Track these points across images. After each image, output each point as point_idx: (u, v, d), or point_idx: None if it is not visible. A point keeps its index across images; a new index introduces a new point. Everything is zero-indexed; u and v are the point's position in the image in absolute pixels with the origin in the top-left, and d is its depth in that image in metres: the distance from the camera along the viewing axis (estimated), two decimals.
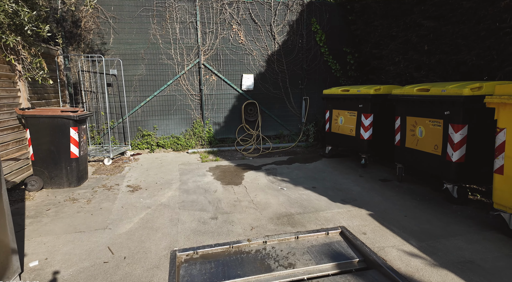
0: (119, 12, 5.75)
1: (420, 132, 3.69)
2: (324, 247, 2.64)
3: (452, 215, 3.06)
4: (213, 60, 6.41)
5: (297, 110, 7.05)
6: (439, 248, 2.45)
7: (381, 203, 3.43)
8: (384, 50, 5.37)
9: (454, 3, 3.83)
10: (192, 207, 3.42)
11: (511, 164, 2.44)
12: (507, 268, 2.15)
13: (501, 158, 2.51)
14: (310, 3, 6.58)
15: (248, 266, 2.38)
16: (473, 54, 3.60)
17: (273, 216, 3.16)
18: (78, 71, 5.67)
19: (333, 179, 4.40)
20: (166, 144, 6.28)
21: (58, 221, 3.04)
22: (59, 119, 3.84)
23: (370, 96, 4.51)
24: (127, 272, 2.21)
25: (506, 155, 2.47)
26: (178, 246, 2.59)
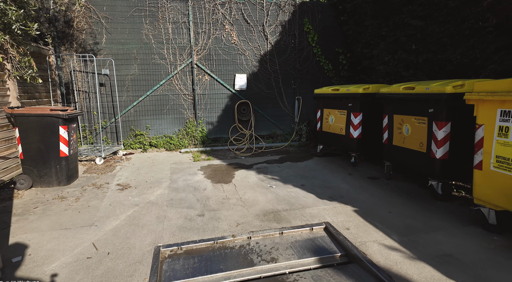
0: (111, 12, 5.78)
1: (406, 130, 3.73)
2: (308, 242, 2.67)
3: (436, 211, 3.10)
4: (206, 60, 6.44)
5: (290, 110, 7.09)
6: (419, 242, 2.48)
7: (367, 200, 3.46)
8: (374, 49, 5.42)
9: (440, 2, 3.88)
10: (180, 204, 3.44)
11: (489, 160, 2.48)
12: (483, 261, 2.19)
13: (480, 154, 2.55)
14: (302, 4, 6.63)
15: (231, 261, 2.41)
16: (458, 53, 3.65)
17: (259, 213, 3.19)
18: (70, 71, 5.69)
19: (322, 177, 4.43)
20: (159, 144, 6.29)
21: (44, 219, 3.06)
22: (49, 118, 3.86)
23: (359, 95, 4.55)
24: (109, 267, 2.23)
25: (484, 151, 2.51)
26: (162, 242, 2.61)
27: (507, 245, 2.40)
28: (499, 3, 3.12)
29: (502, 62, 3.15)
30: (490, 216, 2.57)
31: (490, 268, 2.10)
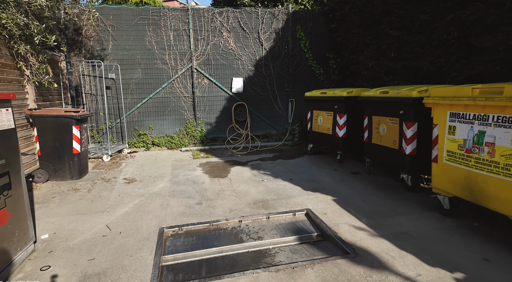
0: (117, 21, 6.25)
1: (383, 129, 4.18)
2: (290, 224, 3.12)
3: (404, 200, 3.54)
4: (205, 65, 6.90)
5: (284, 111, 7.54)
6: (383, 224, 2.93)
7: (346, 191, 3.91)
8: (360, 56, 5.88)
9: (413, 16, 4.34)
10: (181, 195, 3.89)
11: (442, 154, 2.93)
12: (432, 237, 2.63)
13: (436, 149, 3.00)
14: (295, 12, 7.10)
15: (224, 239, 2.86)
16: (427, 61, 4.10)
17: (250, 202, 3.63)
18: (79, 75, 6.15)
19: (309, 172, 4.88)
20: (161, 143, 6.75)
21: (63, 206, 3.51)
22: (63, 119, 4.32)
23: (343, 98, 5.01)
24: (122, 243, 2.68)
25: (439, 147, 2.96)
26: (166, 224, 3.06)
27: (456, 225, 2.85)
28: (460, 19, 3.58)
29: (462, 70, 3.60)
30: (444, 202, 3.02)
31: (436, 242, 2.55)
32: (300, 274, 2.17)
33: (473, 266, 2.20)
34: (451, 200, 2.97)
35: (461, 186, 2.76)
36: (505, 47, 3.01)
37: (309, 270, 2.23)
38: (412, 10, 4.35)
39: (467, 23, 3.51)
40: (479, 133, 2.53)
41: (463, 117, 2.67)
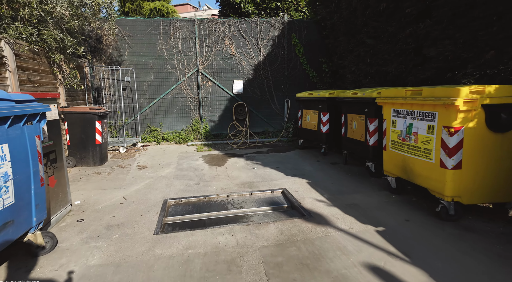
0: (132, 31, 7.19)
1: (354, 125, 4.89)
2: (268, 199, 3.89)
3: (366, 183, 4.25)
4: (209, 69, 7.75)
5: (280, 111, 8.30)
6: (340, 198, 3.66)
7: (320, 176, 4.64)
8: (345, 61, 6.59)
9: (384, 27, 5.03)
10: (183, 178, 4.72)
11: (388, 143, 3.63)
12: (375, 207, 3.34)
13: (385, 139, 3.71)
14: (290, 21, 7.86)
15: (214, 207, 3.65)
16: (393, 67, 4.79)
17: (239, 183, 4.42)
18: (100, 78, 7.11)
19: (295, 163, 5.63)
20: (170, 138, 7.64)
21: (88, 184, 4.40)
22: (88, 115, 5.23)
23: (325, 98, 5.73)
24: (135, 207, 3.52)
25: (387, 137, 3.66)
26: (169, 197, 3.89)
27: (398, 199, 3.55)
28: (416, 31, 4.26)
29: (416, 75, 4.28)
30: (392, 182, 3.72)
31: (375, 210, 3.26)
32: (264, 227, 2.95)
33: (394, 224, 2.92)
34: (397, 180, 3.67)
35: (400, 168, 3.46)
36: (443, 57, 3.68)
37: (272, 225, 2.99)
38: (383, 22, 5.04)
39: (421, 36, 4.19)
40: (409, 125, 3.23)
41: (400, 113, 3.38)
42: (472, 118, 2.64)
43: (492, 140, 2.71)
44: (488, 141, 2.71)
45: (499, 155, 2.74)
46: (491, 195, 2.84)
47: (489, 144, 2.71)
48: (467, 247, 2.45)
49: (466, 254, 2.35)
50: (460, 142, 2.68)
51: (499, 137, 2.71)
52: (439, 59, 3.76)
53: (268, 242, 2.64)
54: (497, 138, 2.71)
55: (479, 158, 2.72)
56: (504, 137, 2.71)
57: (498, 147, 2.73)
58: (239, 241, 2.66)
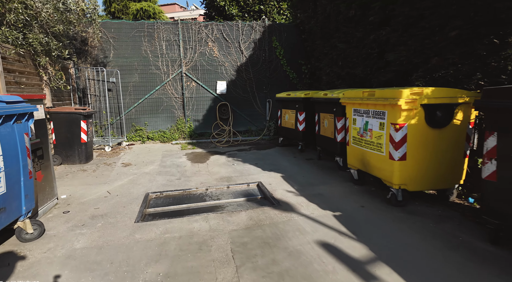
0: (117, 33, 7.39)
1: (326, 124, 5.28)
2: (243, 191, 4.22)
3: (334, 176, 4.64)
4: (193, 70, 8.03)
5: (262, 110, 8.66)
6: (308, 189, 4.03)
7: (294, 171, 5.01)
8: (321, 63, 6.99)
9: (353, 32, 5.44)
10: (166, 174, 5.00)
11: (350, 139, 4.03)
12: (336, 196, 3.72)
13: (348, 136, 4.10)
14: (270, 25, 8.22)
15: (192, 199, 3.96)
16: (360, 70, 5.20)
17: (218, 178, 4.74)
18: (85, 79, 7.29)
19: (273, 159, 5.98)
20: (155, 137, 7.87)
21: (74, 180, 4.63)
22: (74, 115, 5.44)
23: (301, 99, 6.11)
24: (118, 200, 3.79)
25: (349, 134, 4.06)
26: (151, 191, 4.17)
27: (359, 189, 3.94)
28: (378, 38, 4.68)
29: (379, 77, 4.70)
30: (354, 174, 4.11)
31: (338, 199, 3.64)
32: (236, 214, 3.28)
33: (351, 209, 3.30)
34: (358, 172, 4.07)
35: (360, 161, 3.86)
36: (399, 61, 4.10)
37: (243, 212, 3.33)
38: (352, 28, 5.46)
39: (382, 42, 4.61)
40: (366, 122, 3.63)
41: (359, 112, 3.77)
42: (413, 116, 3.05)
43: (432, 135, 3.12)
44: (428, 136, 3.12)
45: (438, 148, 3.16)
46: (432, 183, 3.26)
47: (429, 138, 3.12)
48: (406, 226, 2.85)
49: (404, 232, 2.75)
50: (404, 136, 3.09)
51: (437, 132, 3.13)
52: (396, 63, 4.18)
53: (238, 227, 2.97)
54: (435, 133, 3.13)
55: (421, 150, 3.14)
56: (441, 132, 3.13)
57: (437, 141, 3.14)
58: (212, 226, 2.98)
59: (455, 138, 3.16)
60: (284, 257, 2.40)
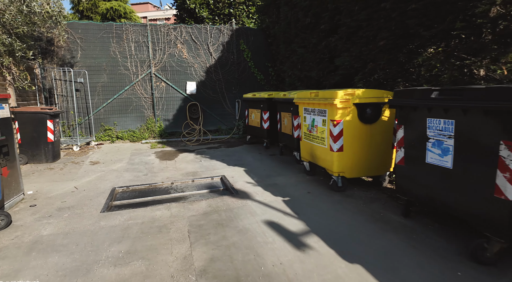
0: (85, 34, 7.45)
1: (285, 122, 5.75)
2: (207, 184, 4.56)
3: (291, 168, 5.11)
4: (163, 71, 8.23)
5: (232, 110, 9.02)
6: (266, 180, 4.46)
7: (257, 165, 5.43)
8: (284, 66, 7.49)
9: (309, 38, 5.96)
10: (133, 170, 5.23)
11: (302, 135, 4.51)
12: (289, 185, 4.17)
13: (298, 131, 4.58)
14: (238, 29, 8.62)
15: (158, 192, 4.24)
16: (315, 73, 5.74)
17: (184, 173, 5.04)
18: (51, 79, 7.27)
19: (240, 155, 6.37)
20: (124, 136, 7.99)
21: (41, 177, 4.74)
22: (40, 114, 5.50)
23: (265, 99, 6.55)
24: (85, 195, 3.99)
25: (301, 130, 4.54)
26: (117, 186, 4.40)
27: (310, 179, 4.43)
28: (329, 44, 5.22)
29: (330, 79, 5.24)
30: (306, 166, 4.60)
31: (290, 187, 4.09)
32: (196, 203, 3.62)
33: (298, 195, 3.76)
34: (310, 164, 4.56)
35: (309, 154, 4.35)
36: (344, 66, 4.66)
37: (203, 201, 3.68)
38: (308, 34, 5.98)
39: (332, 48, 5.16)
40: (313, 119, 4.12)
41: (308, 110, 4.26)
42: (348, 113, 3.56)
43: (364, 129, 3.66)
44: (361, 130, 3.65)
45: (370, 141, 3.70)
46: (366, 170, 3.80)
47: (362, 132, 3.66)
48: (341, 207, 3.34)
49: (338, 211, 3.24)
50: (341, 131, 3.59)
51: (369, 127, 3.67)
52: (342, 67, 4.73)
53: (197, 213, 3.32)
54: (367, 128, 3.66)
55: (355, 143, 3.66)
56: (372, 127, 3.68)
57: (369, 134, 3.68)
58: (173, 213, 3.31)
59: (383, 131, 3.71)
60: (233, 234, 2.79)
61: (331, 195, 3.75)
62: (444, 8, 2.81)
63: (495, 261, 2.15)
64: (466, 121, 2.24)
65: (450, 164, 2.39)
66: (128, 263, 2.33)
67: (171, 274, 2.19)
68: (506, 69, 2.39)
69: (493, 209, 2.08)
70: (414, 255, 2.35)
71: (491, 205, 2.09)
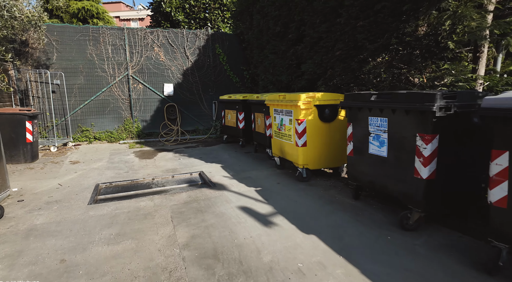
0: (61, 36, 7.52)
1: (259, 121, 6.27)
2: (187, 179, 4.95)
3: (264, 164, 5.62)
4: (140, 73, 8.46)
5: (209, 111, 9.41)
6: (241, 174, 4.93)
7: (232, 162, 5.88)
8: (258, 70, 8.02)
9: (279, 46, 6.53)
10: (114, 168, 5.49)
11: (273, 133, 5.04)
12: (262, 178, 4.68)
13: (270, 130, 5.11)
14: (213, 34, 9.04)
15: (140, 187, 4.57)
16: (284, 77, 6.31)
17: (164, 170, 5.39)
18: (26, 81, 7.27)
19: (217, 154, 6.79)
20: (102, 137, 8.12)
21: (22, 176, 4.89)
22: (18, 115, 5.60)
23: (240, 100, 7.02)
24: (70, 190, 4.25)
25: (272, 129, 5.07)
26: (101, 182, 4.67)
27: (279, 172, 4.96)
28: (296, 52, 5.81)
29: (298, 83, 5.84)
30: (277, 161, 5.14)
31: (262, 179, 4.60)
32: (177, 195, 4.02)
33: (269, 185, 4.27)
34: (280, 159, 5.10)
35: (279, 150, 4.88)
36: (308, 72, 5.25)
37: (184, 193, 4.08)
38: (278, 42, 6.54)
39: (299, 55, 5.75)
40: (281, 119, 4.66)
41: (277, 111, 4.80)
42: (310, 113, 4.13)
43: (324, 127, 4.25)
44: (321, 128, 4.24)
45: (329, 137, 4.30)
46: (327, 163, 4.39)
47: (322, 130, 4.24)
48: (304, 193, 3.90)
49: (301, 197, 3.78)
50: (305, 129, 4.16)
51: (328, 125, 4.26)
52: (307, 73, 5.32)
53: (178, 202, 3.72)
54: (326, 126, 4.26)
55: (316, 139, 4.24)
56: (330, 125, 4.28)
57: (328, 131, 4.28)
58: (156, 203, 3.69)
59: (340, 129, 4.32)
60: (211, 217, 3.23)
61: (297, 184, 4.30)
62: (383, 27, 3.45)
63: (416, 227, 2.77)
64: (395, 119, 2.85)
65: (385, 154, 3.00)
66: (120, 242, 2.70)
67: (158, 248, 2.60)
68: (426, 78, 3.05)
69: (413, 187, 2.70)
70: (358, 227, 2.93)
71: (412, 184, 2.71)
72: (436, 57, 2.93)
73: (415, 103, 2.56)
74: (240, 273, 2.22)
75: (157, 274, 2.22)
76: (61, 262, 2.39)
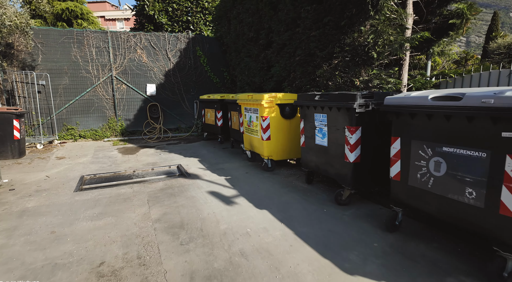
0: (46, 39, 7.86)
1: (234, 119, 6.83)
2: (165, 171, 5.46)
3: (237, 157, 6.19)
4: (123, 74, 8.87)
5: (190, 110, 9.90)
6: (215, 166, 5.48)
7: (209, 156, 6.42)
8: (236, 71, 8.58)
9: (253, 49, 7.11)
10: (98, 163, 5.93)
11: (243, 129, 5.62)
12: (233, 169, 5.24)
13: (242, 127, 5.68)
14: (194, 37, 9.54)
15: (122, 178, 5.05)
16: (257, 79, 6.90)
17: (145, 164, 5.87)
18: (12, 82, 7.59)
19: (196, 149, 7.31)
20: (87, 135, 8.50)
21: (11, 170, 5.29)
22: (6, 114, 5.96)
23: (218, 100, 7.56)
24: (57, 181, 4.69)
25: (243, 126, 5.64)
26: (86, 174, 5.13)
27: (250, 164, 5.54)
28: (266, 56, 6.40)
29: (268, 84, 6.44)
30: (248, 154, 5.71)
31: (233, 170, 5.16)
32: (155, 183, 4.53)
33: (238, 175, 4.84)
34: (251, 152, 5.68)
35: (249, 144, 5.47)
36: (276, 74, 5.86)
37: (160, 182, 4.60)
38: (252, 46, 7.13)
39: (269, 59, 6.35)
40: (250, 117, 5.24)
41: (247, 109, 5.38)
42: (272, 111, 4.72)
43: (285, 123, 4.85)
44: (283, 124, 4.84)
45: (290, 132, 4.90)
46: (289, 154, 5.00)
47: (283, 125, 4.84)
48: (267, 180, 4.49)
49: (263, 183, 4.37)
50: (268, 125, 4.75)
51: (288, 121, 4.87)
52: (275, 75, 5.93)
53: (155, 189, 4.24)
54: (287, 122, 4.87)
55: (279, 133, 4.84)
56: (291, 121, 4.89)
57: (289, 127, 4.89)
58: (135, 190, 4.20)
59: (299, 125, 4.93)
60: (182, 199, 3.78)
61: (263, 173, 4.89)
62: (329, 37, 4.07)
63: (347, 202, 3.40)
64: (332, 115, 3.48)
65: (326, 144, 3.62)
66: (101, 219, 3.22)
67: (134, 222, 3.13)
68: (359, 81, 3.69)
69: (345, 169, 3.33)
70: (303, 204, 3.54)
71: (343, 167, 3.34)
72: (366, 64, 3.57)
73: (343, 101, 3.19)
74: (200, 237, 2.78)
75: (132, 239, 2.75)
76: (52, 233, 2.89)
